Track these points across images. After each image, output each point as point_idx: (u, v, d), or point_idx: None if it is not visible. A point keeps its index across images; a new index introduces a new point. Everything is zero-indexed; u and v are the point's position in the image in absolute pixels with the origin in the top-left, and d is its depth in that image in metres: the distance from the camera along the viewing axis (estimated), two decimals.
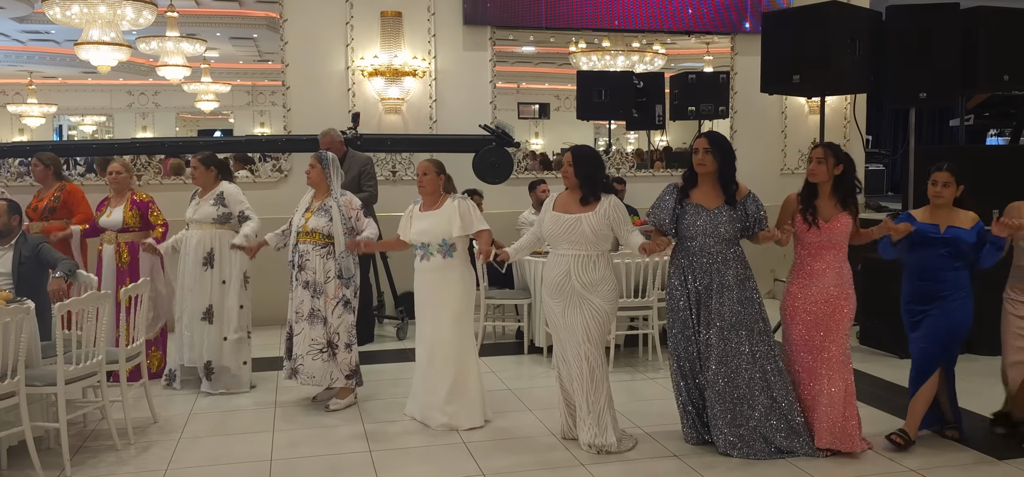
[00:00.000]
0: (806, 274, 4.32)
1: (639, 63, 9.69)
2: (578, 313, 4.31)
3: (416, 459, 4.41)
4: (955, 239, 4.25)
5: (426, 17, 8.19)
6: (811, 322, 4.28)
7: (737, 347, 4.26)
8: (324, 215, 5.13)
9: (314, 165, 5.23)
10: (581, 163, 4.38)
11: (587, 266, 4.31)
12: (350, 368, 5.20)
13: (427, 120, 8.26)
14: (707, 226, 4.28)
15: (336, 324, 5.14)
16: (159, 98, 13.36)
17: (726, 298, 4.25)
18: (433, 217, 4.83)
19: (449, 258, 4.79)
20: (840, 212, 4.29)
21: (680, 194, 4.38)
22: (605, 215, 4.32)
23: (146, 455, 4.46)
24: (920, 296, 4.36)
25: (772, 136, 9.27)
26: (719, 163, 4.31)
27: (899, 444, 4.33)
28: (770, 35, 6.82)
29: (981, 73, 6.54)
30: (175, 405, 5.32)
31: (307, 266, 5.12)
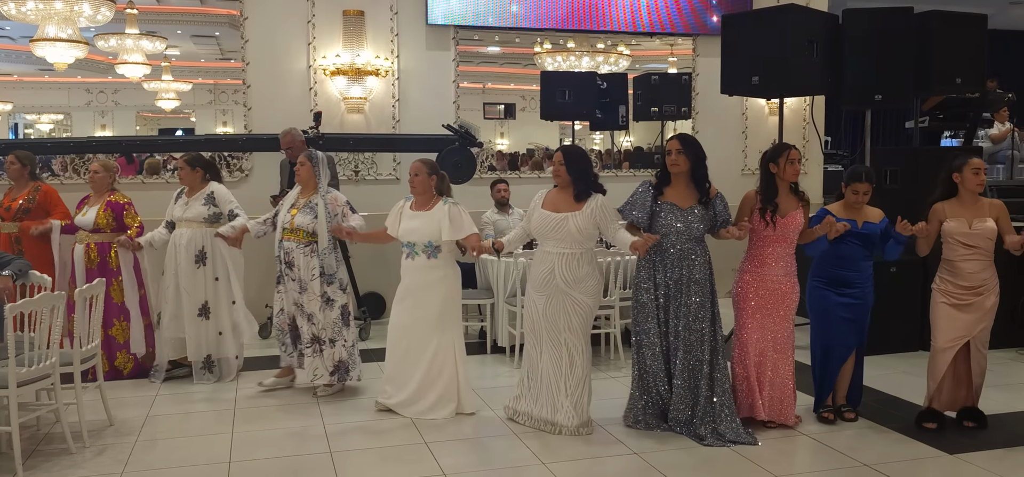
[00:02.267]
0: (758, 263, 4.62)
1: (604, 64, 9.74)
2: (561, 306, 4.52)
3: (377, 459, 4.40)
4: (869, 234, 4.66)
5: (389, 16, 8.16)
6: (761, 307, 4.60)
7: (699, 338, 4.50)
8: (309, 212, 5.23)
9: (304, 163, 5.34)
10: (573, 162, 4.55)
11: (571, 264, 4.49)
12: (334, 363, 5.31)
13: (390, 120, 8.23)
14: (681, 225, 4.47)
15: (322, 320, 5.26)
16: (119, 96, 13.11)
17: (694, 292, 4.48)
18: (423, 218, 4.89)
19: (433, 259, 4.88)
20: (796, 209, 4.58)
21: (655, 192, 4.55)
22: (591, 214, 4.47)
23: (101, 458, 4.39)
24: (840, 282, 4.70)
25: (733, 136, 9.38)
26: (692, 163, 4.50)
27: (853, 417, 4.81)
28: (730, 37, 6.90)
29: (934, 76, 6.67)
30: (131, 407, 5.24)
31: (294, 263, 5.25)
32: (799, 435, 4.64)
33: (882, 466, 4.18)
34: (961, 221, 4.54)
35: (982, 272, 4.53)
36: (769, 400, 4.64)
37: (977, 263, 4.52)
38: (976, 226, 4.51)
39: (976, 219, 4.52)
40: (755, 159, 9.38)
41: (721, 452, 4.39)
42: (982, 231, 4.50)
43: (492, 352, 6.64)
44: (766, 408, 4.64)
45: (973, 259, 4.52)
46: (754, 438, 4.49)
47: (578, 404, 4.58)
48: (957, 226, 4.53)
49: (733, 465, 4.24)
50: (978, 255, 4.52)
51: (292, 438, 4.72)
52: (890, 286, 5.77)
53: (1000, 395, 4.75)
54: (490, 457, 4.39)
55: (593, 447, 4.47)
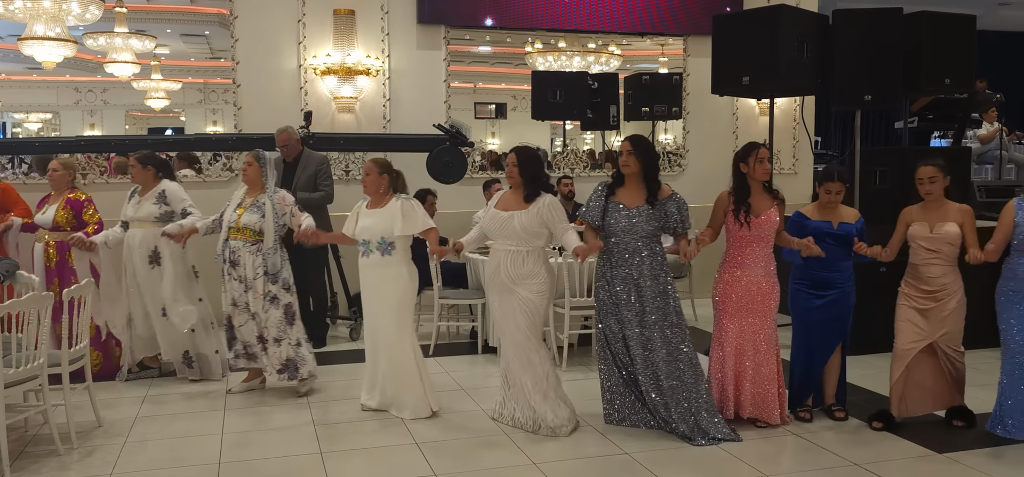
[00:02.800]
0: (736, 265, 4.63)
1: (595, 64, 9.75)
2: (509, 306, 4.60)
3: (367, 460, 4.39)
4: (846, 234, 4.67)
5: (380, 15, 8.15)
6: (741, 309, 4.60)
7: (650, 336, 4.53)
8: (257, 211, 5.26)
9: (251, 163, 5.35)
10: (525, 163, 4.62)
11: (516, 261, 4.56)
12: (281, 362, 5.30)
13: (380, 119, 8.22)
14: (626, 223, 4.52)
15: (264, 319, 5.27)
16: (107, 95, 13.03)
17: (645, 291, 4.51)
18: (376, 215, 4.93)
19: (387, 256, 4.90)
20: (771, 207, 4.58)
21: (607, 192, 4.60)
22: (538, 214, 4.55)
23: (90, 460, 4.36)
24: (819, 283, 4.73)
25: (724, 137, 9.40)
26: (642, 164, 4.53)
27: (843, 416, 4.81)
28: (721, 37, 6.92)
29: (923, 76, 6.71)
30: (120, 408, 5.21)
31: (239, 262, 5.26)
32: (789, 434, 4.65)
33: (872, 465, 4.19)
34: (924, 225, 4.55)
35: (943, 277, 4.52)
36: (752, 398, 4.65)
37: (938, 267, 4.53)
38: (938, 230, 4.51)
39: (939, 223, 4.52)
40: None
41: (711, 450, 4.40)
42: (943, 235, 4.50)
43: (483, 352, 6.63)
44: (749, 406, 4.67)
45: (935, 263, 4.53)
46: (736, 435, 4.51)
47: (548, 401, 4.61)
48: (919, 230, 4.55)
49: (723, 463, 4.25)
50: (939, 259, 4.52)
51: (282, 439, 4.70)
52: (879, 285, 5.78)
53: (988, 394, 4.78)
54: (481, 458, 4.37)
55: (585, 447, 4.47)
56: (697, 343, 6.68)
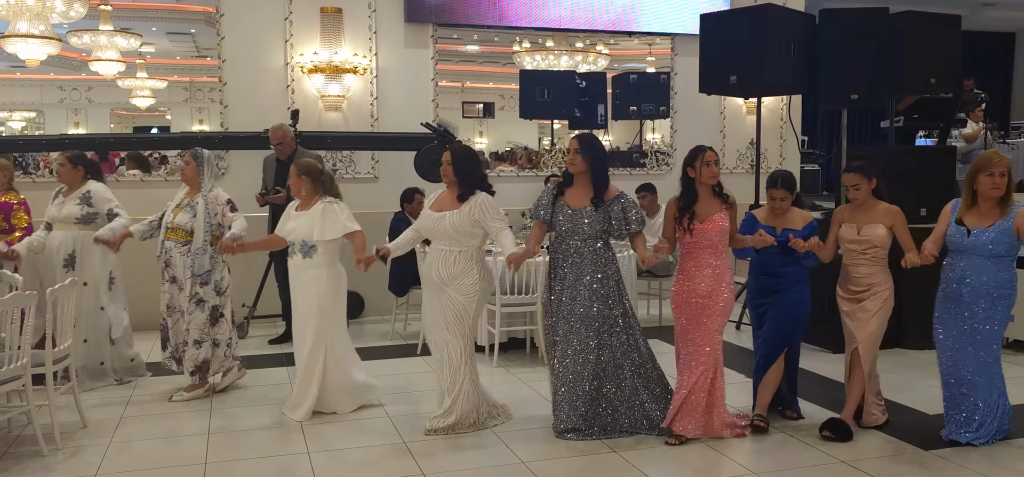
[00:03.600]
0: (687, 272, 4.53)
1: (583, 63, 9.76)
2: (439, 304, 4.59)
3: (355, 460, 4.36)
4: (788, 239, 4.52)
5: (367, 14, 8.12)
6: (690, 316, 4.49)
7: (585, 340, 4.47)
8: (190, 211, 5.24)
9: (189, 162, 5.31)
10: (459, 162, 4.60)
11: (448, 260, 4.55)
12: (194, 364, 5.29)
13: (368, 118, 8.20)
14: (570, 224, 4.50)
15: (188, 320, 5.25)
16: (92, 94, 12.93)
17: (581, 292, 4.47)
18: (302, 218, 4.95)
19: (308, 258, 4.90)
20: (718, 212, 4.46)
21: (557, 191, 4.60)
22: (470, 213, 4.52)
23: (75, 460, 4.32)
24: (762, 290, 4.70)
25: (711, 136, 9.41)
26: (589, 163, 4.49)
27: (761, 427, 4.59)
28: (708, 37, 6.93)
29: (909, 76, 6.75)
30: (105, 409, 5.17)
31: (172, 263, 5.27)
32: (774, 432, 4.66)
33: (858, 462, 4.21)
34: (852, 226, 4.55)
35: (870, 276, 4.52)
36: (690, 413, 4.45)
37: (865, 267, 4.53)
38: (865, 232, 4.50)
39: (867, 225, 4.51)
40: (733, 159, 9.51)
41: (699, 447, 4.40)
42: (870, 237, 4.49)
43: None
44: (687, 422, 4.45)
45: (862, 263, 4.53)
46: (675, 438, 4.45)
47: (455, 404, 4.60)
48: (847, 231, 4.56)
49: (711, 461, 4.26)
50: (865, 260, 4.52)
51: (269, 439, 4.68)
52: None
53: None
54: (470, 458, 4.37)
55: (573, 445, 4.46)
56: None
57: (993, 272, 4.26)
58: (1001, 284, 4.28)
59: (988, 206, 4.28)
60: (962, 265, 4.32)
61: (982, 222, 4.27)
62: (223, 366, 5.44)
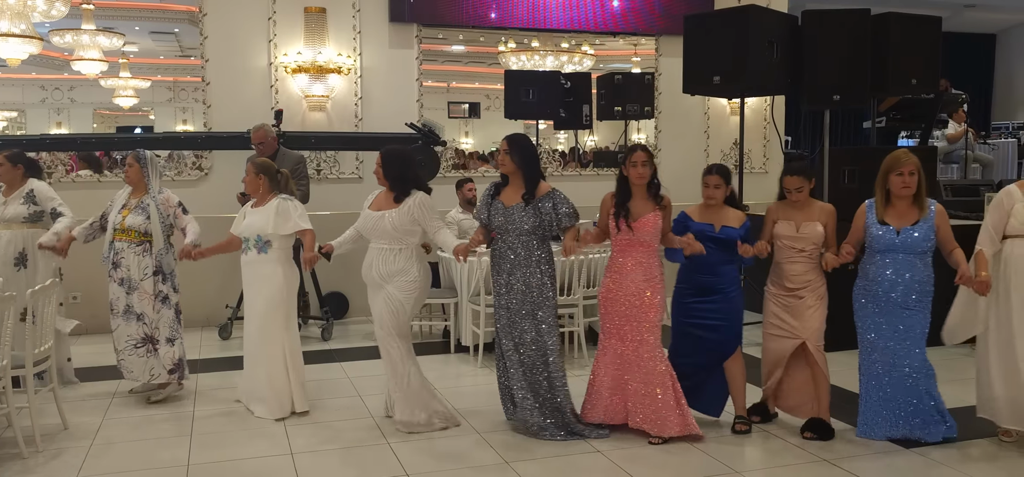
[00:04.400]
0: (618, 270, 4.54)
1: (568, 64, 9.77)
2: (379, 303, 4.68)
3: (339, 460, 4.36)
4: (728, 238, 4.57)
5: (351, 13, 8.10)
6: (622, 314, 4.51)
7: (521, 335, 4.57)
8: (141, 213, 5.23)
9: (132, 164, 5.33)
10: (388, 165, 4.71)
11: (387, 258, 4.64)
12: (173, 362, 5.30)
13: (352, 118, 8.18)
14: (504, 221, 4.58)
15: (155, 319, 5.25)
16: (75, 93, 12.83)
17: (514, 289, 4.56)
18: (256, 214, 5.04)
19: (263, 254, 4.98)
20: (652, 212, 4.50)
21: (493, 192, 4.69)
22: (408, 212, 4.63)
23: (55, 463, 4.29)
24: (699, 289, 4.63)
25: (695, 136, 9.46)
26: (518, 163, 4.56)
27: (744, 430, 4.64)
28: (691, 37, 6.96)
29: (890, 77, 6.80)
30: (87, 411, 5.14)
31: (122, 263, 5.21)
32: (757, 430, 4.68)
33: (841, 461, 4.24)
34: (789, 224, 4.58)
35: (806, 274, 4.55)
36: (641, 412, 4.49)
37: (801, 265, 4.56)
38: (804, 229, 4.54)
39: (805, 222, 4.55)
40: (717, 158, 9.54)
41: (683, 446, 4.43)
42: (809, 234, 4.52)
43: (456, 351, 6.62)
44: (638, 416, 4.51)
45: (799, 261, 4.56)
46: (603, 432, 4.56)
47: (406, 401, 4.69)
48: (784, 228, 4.57)
49: (696, 459, 4.28)
50: (803, 258, 4.55)
51: (253, 440, 4.66)
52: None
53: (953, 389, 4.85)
54: (454, 457, 4.37)
55: (557, 446, 4.48)
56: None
57: (921, 269, 4.34)
58: (926, 280, 4.37)
59: (904, 205, 4.35)
60: (890, 264, 4.36)
61: (905, 221, 4.33)
62: None
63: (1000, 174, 10.76)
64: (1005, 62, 15.50)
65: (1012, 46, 15.33)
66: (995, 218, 4.38)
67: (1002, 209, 4.36)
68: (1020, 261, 4.31)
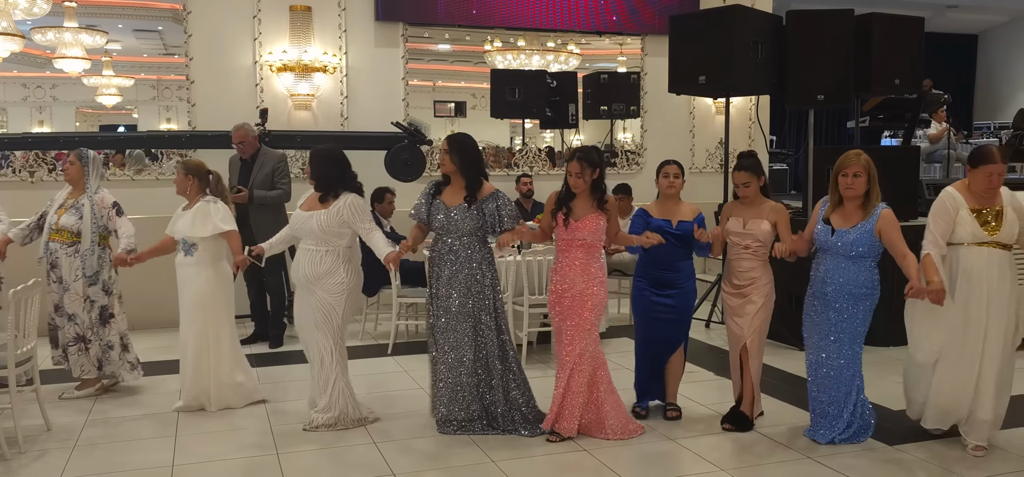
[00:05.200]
0: (560, 269, 4.57)
1: (554, 63, 9.78)
2: (308, 304, 4.68)
3: (325, 460, 4.35)
4: (685, 233, 4.66)
5: (337, 12, 8.08)
6: (563, 313, 4.53)
7: (462, 335, 4.57)
8: (75, 213, 5.24)
9: (73, 162, 5.31)
10: (315, 164, 4.74)
11: (315, 260, 4.63)
12: (97, 361, 5.35)
13: (338, 117, 8.15)
14: (446, 222, 4.59)
15: (86, 320, 5.26)
16: (57, 91, 12.73)
17: (456, 288, 4.56)
18: (185, 216, 5.10)
19: (189, 256, 5.04)
20: (592, 213, 4.51)
21: (434, 191, 4.68)
22: (338, 213, 4.63)
23: (39, 464, 4.26)
24: (660, 283, 4.74)
25: (681, 135, 9.49)
26: (458, 163, 4.57)
27: (676, 416, 4.82)
28: (677, 37, 6.98)
29: (874, 77, 6.84)
30: (71, 412, 5.10)
31: (58, 264, 5.23)
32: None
33: (825, 459, 4.27)
34: (737, 220, 4.63)
35: (752, 271, 4.60)
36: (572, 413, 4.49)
37: (747, 263, 4.60)
38: (750, 226, 4.58)
39: (752, 220, 4.59)
40: (702, 158, 9.59)
41: (668, 445, 4.46)
42: (755, 232, 4.57)
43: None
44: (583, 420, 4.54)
45: (745, 258, 4.61)
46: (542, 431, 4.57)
47: (332, 401, 4.69)
48: (733, 225, 4.63)
49: (683, 457, 4.30)
50: (749, 255, 4.60)
51: (238, 441, 4.65)
52: None
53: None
54: (441, 457, 4.36)
55: (543, 445, 4.48)
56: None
57: (854, 272, 4.30)
58: (861, 284, 4.32)
59: (852, 207, 4.35)
60: (826, 264, 4.40)
61: (846, 222, 4.34)
62: (120, 369, 5.44)
63: None
64: (986, 62, 15.65)
65: (993, 46, 15.49)
66: (942, 224, 4.25)
67: (947, 215, 4.24)
68: (975, 273, 4.20)
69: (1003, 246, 4.21)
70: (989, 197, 4.21)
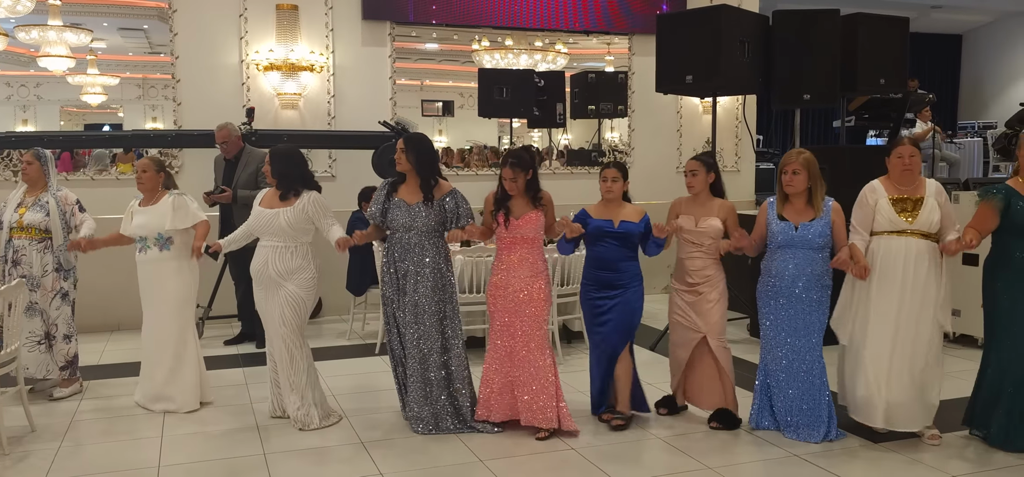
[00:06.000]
0: (504, 266, 4.63)
1: (542, 62, 9.78)
2: (275, 300, 4.71)
3: (312, 460, 4.34)
4: (627, 233, 4.65)
5: (324, 11, 8.05)
6: (509, 309, 4.59)
7: (428, 330, 4.63)
8: (41, 210, 5.29)
9: (31, 162, 5.36)
10: (275, 162, 4.79)
11: (284, 256, 4.70)
12: (66, 359, 5.38)
13: (325, 116, 8.13)
14: (406, 219, 4.63)
15: (54, 316, 5.31)
16: (41, 90, 12.63)
17: (421, 284, 4.60)
18: (150, 212, 5.09)
19: (165, 251, 5.06)
20: (531, 211, 4.60)
21: (390, 190, 4.73)
22: (303, 210, 4.72)
23: (22, 466, 4.23)
24: (602, 284, 4.70)
25: (668, 135, 9.52)
26: (414, 163, 4.64)
27: (621, 425, 4.70)
28: (664, 36, 6.99)
29: (860, 76, 6.87)
30: (55, 413, 5.07)
31: (23, 261, 5.24)
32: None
33: (811, 457, 4.29)
34: (689, 218, 4.69)
35: (705, 269, 4.66)
36: (528, 404, 4.57)
37: (701, 260, 4.67)
38: (702, 224, 4.65)
39: (704, 217, 4.66)
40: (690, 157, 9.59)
41: (656, 443, 4.47)
42: (706, 229, 4.63)
43: None
44: (525, 412, 4.58)
45: (697, 256, 4.67)
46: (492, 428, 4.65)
47: (304, 397, 4.76)
48: (685, 223, 4.69)
49: (668, 456, 4.31)
50: (701, 252, 4.66)
51: (224, 440, 4.63)
52: None
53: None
54: (429, 457, 4.36)
55: (530, 444, 4.48)
56: (644, 339, 6.77)
57: (820, 263, 4.44)
58: (824, 275, 4.46)
59: (800, 202, 4.45)
60: (791, 260, 4.45)
61: (803, 217, 4.44)
62: None
63: (966, 173, 10.96)
64: (971, 63, 15.76)
65: (978, 47, 15.60)
66: (861, 215, 4.42)
67: (866, 206, 4.41)
68: (890, 259, 4.33)
69: (922, 235, 4.32)
70: (907, 182, 4.36)
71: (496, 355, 4.65)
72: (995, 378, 4.38)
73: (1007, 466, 4.16)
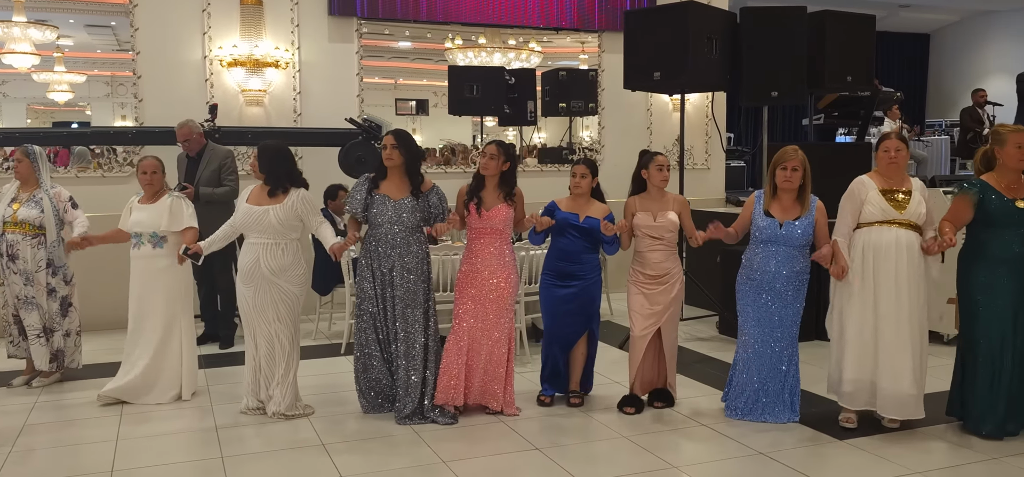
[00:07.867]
0: (473, 256, 4.81)
1: (515, 60, 9.73)
2: (268, 296, 4.74)
3: (271, 463, 4.25)
4: (590, 228, 4.84)
5: (289, 6, 7.95)
6: (477, 298, 4.77)
7: (414, 323, 4.72)
8: (35, 206, 5.38)
9: (21, 159, 5.42)
10: (264, 159, 4.83)
11: (275, 253, 4.73)
12: (52, 352, 5.48)
13: (291, 113, 8.03)
14: (392, 214, 4.68)
15: (47, 309, 5.43)
16: (6, 88, 12.42)
17: (407, 279, 4.69)
18: (148, 210, 5.17)
19: (159, 249, 5.14)
20: (502, 204, 4.79)
21: (371, 185, 4.75)
22: (292, 207, 4.75)
23: None
24: (563, 274, 4.91)
25: (638, 132, 9.50)
26: (404, 158, 4.70)
27: (578, 403, 5.00)
28: (632, 34, 6.98)
29: (827, 74, 6.90)
30: (7, 416, 4.95)
31: (19, 256, 5.34)
32: (695, 424, 4.71)
33: (775, 453, 4.28)
34: (647, 214, 4.83)
35: (665, 262, 4.82)
36: (480, 387, 4.81)
37: (661, 253, 4.82)
38: (660, 219, 4.81)
39: (661, 212, 4.82)
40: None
41: (617, 441, 4.44)
42: (665, 224, 4.80)
43: None
44: (475, 393, 4.81)
45: (657, 250, 4.82)
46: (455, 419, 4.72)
47: (289, 390, 4.83)
48: (643, 219, 4.83)
49: (632, 456, 4.28)
50: (661, 246, 4.81)
51: (181, 443, 4.54)
52: None
53: None
54: (389, 458, 4.29)
55: (495, 443, 4.44)
56: (613, 337, 6.74)
57: (801, 260, 4.62)
58: (804, 271, 4.65)
59: (789, 199, 4.60)
60: (774, 255, 4.60)
61: (788, 215, 4.58)
62: (74, 358, 5.62)
63: (933, 170, 11.04)
64: (938, 61, 15.92)
65: (945, 46, 15.76)
66: (850, 209, 4.51)
67: (855, 200, 4.50)
68: (882, 248, 4.41)
69: (911, 225, 4.42)
70: (894, 175, 4.48)
71: (457, 339, 4.75)
72: (973, 368, 4.47)
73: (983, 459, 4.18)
